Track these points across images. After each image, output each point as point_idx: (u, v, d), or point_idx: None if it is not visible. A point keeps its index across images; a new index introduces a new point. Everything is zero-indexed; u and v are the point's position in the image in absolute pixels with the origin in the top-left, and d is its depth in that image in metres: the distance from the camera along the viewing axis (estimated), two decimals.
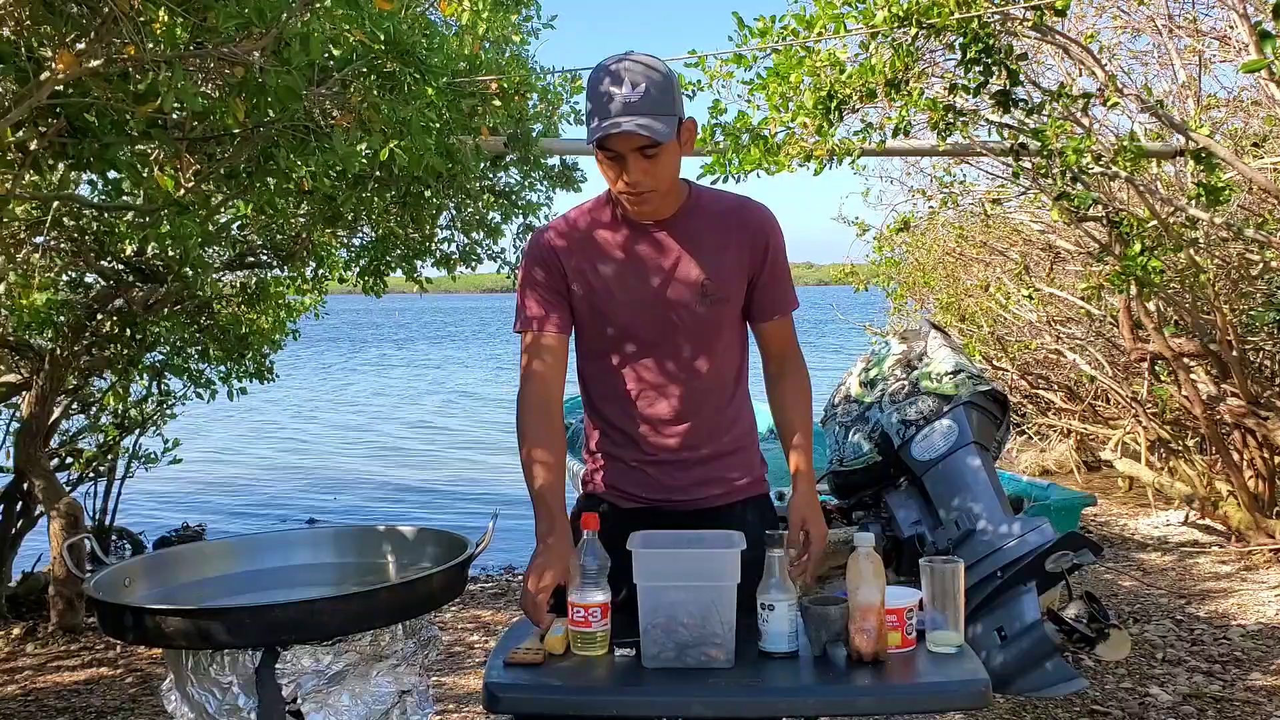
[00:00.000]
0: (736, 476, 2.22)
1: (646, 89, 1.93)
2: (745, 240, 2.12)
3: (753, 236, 2.12)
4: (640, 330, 2.13)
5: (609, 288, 2.11)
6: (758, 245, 2.12)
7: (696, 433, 2.18)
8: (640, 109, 1.92)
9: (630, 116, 1.92)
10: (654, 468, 2.19)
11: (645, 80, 1.94)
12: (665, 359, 2.14)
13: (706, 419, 2.18)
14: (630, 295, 2.11)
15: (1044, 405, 8.31)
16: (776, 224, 2.16)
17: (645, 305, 2.11)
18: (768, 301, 2.18)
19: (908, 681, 1.82)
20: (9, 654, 4.46)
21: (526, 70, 4.06)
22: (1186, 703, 3.54)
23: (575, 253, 2.12)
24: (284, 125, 2.89)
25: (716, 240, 2.11)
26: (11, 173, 2.81)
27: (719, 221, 2.11)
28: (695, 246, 2.10)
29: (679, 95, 2.01)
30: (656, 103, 1.94)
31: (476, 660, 4.27)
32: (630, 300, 2.11)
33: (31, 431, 4.67)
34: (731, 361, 2.20)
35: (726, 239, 2.11)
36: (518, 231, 5.04)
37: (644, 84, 1.93)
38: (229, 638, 1.83)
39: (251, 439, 13.09)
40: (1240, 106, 5.59)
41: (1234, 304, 5.39)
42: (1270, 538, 5.30)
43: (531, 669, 1.86)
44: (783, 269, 2.17)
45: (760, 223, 2.13)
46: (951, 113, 4.11)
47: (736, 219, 2.12)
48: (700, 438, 2.18)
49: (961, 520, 3.02)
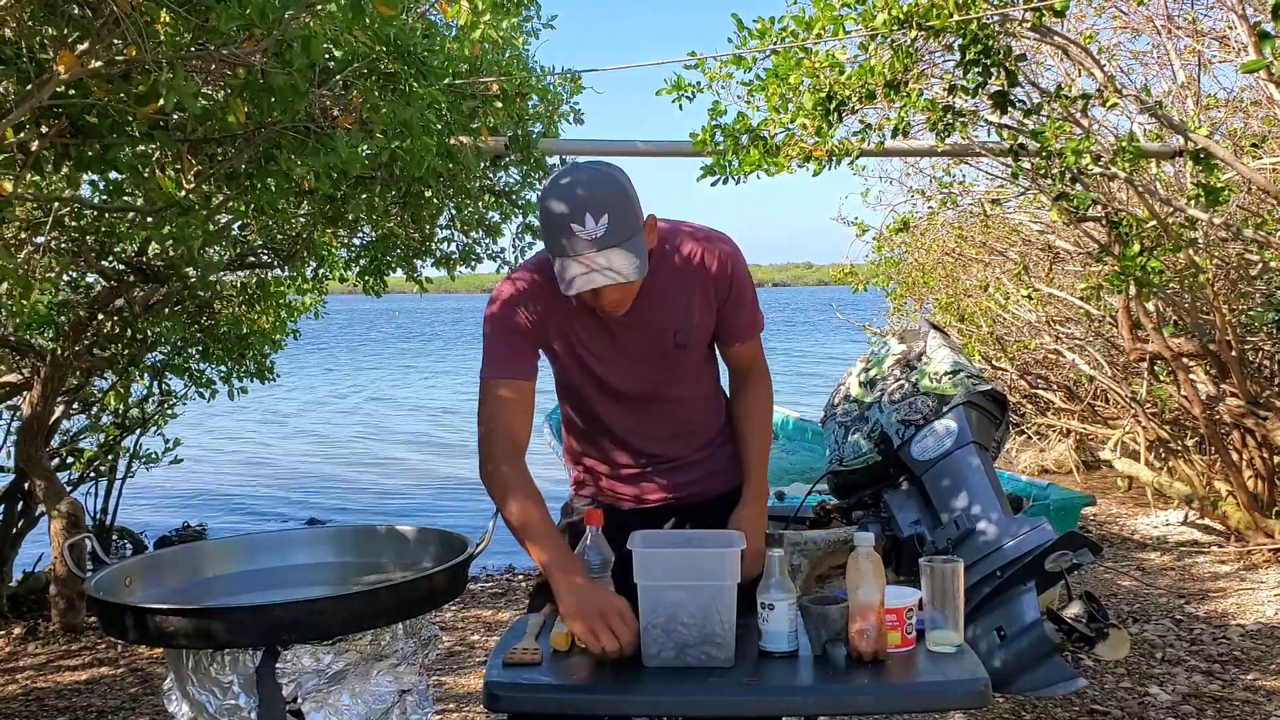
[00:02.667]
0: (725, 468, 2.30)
1: (609, 217, 1.86)
2: (709, 284, 2.11)
3: (715, 279, 2.11)
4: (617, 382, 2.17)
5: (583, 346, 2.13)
6: (721, 285, 2.12)
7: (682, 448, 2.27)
8: (608, 241, 1.86)
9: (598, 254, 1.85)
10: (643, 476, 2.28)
11: (606, 208, 1.86)
12: (645, 402, 2.19)
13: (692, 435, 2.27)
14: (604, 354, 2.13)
15: (1043, 405, 8.31)
16: (737, 258, 2.14)
17: (619, 361, 2.14)
18: (734, 329, 2.20)
19: (908, 681, 1.83)
20: (10, 654, 4.47)
21: (527, 71, 4.06)
22: (1186, 702, 3.54)
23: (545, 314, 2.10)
24: (285, 126, 2.89)
25: (681, 291, 2.10)
26: (12, 173, 2.81)
27: (681, 272, 2.10)
28: (661, 303, 2.09)
29: (636, 200, 1.94)
30: (622, 227, 1.88)
31: (476, 660, 4.27)
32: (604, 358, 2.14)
33: (32, 431, 4.67)
34: (707, 379, 2.29)
35: (691, 287, 2.11)
36: (517, 231, 5.04)
37: (605, 214, 1.86)
38: (229, 637, 1.83)
39: (252, 439, 13.08)
40: (1239, 107, 5.59)
41: (1233, 304, 5.39)
42: (1269, 537, 5.30)
43: (532, 669, 1.87)
44: (747, 297, 2.17)
45: (721, 265, 2.11)
46: (950, 113, 4.12)
47: (698, 265, 2.10)
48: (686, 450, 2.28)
49: (961, 520, 3.02)
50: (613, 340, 2.12)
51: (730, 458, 2.30)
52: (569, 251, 1.87)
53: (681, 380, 2.20)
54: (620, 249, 1.87)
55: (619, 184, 1.92)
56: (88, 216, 3.83)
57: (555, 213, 1.89)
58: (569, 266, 1.87)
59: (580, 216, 1.86)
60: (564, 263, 1.88)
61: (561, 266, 1.89)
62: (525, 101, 4.15)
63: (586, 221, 1.86)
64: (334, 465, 11.26)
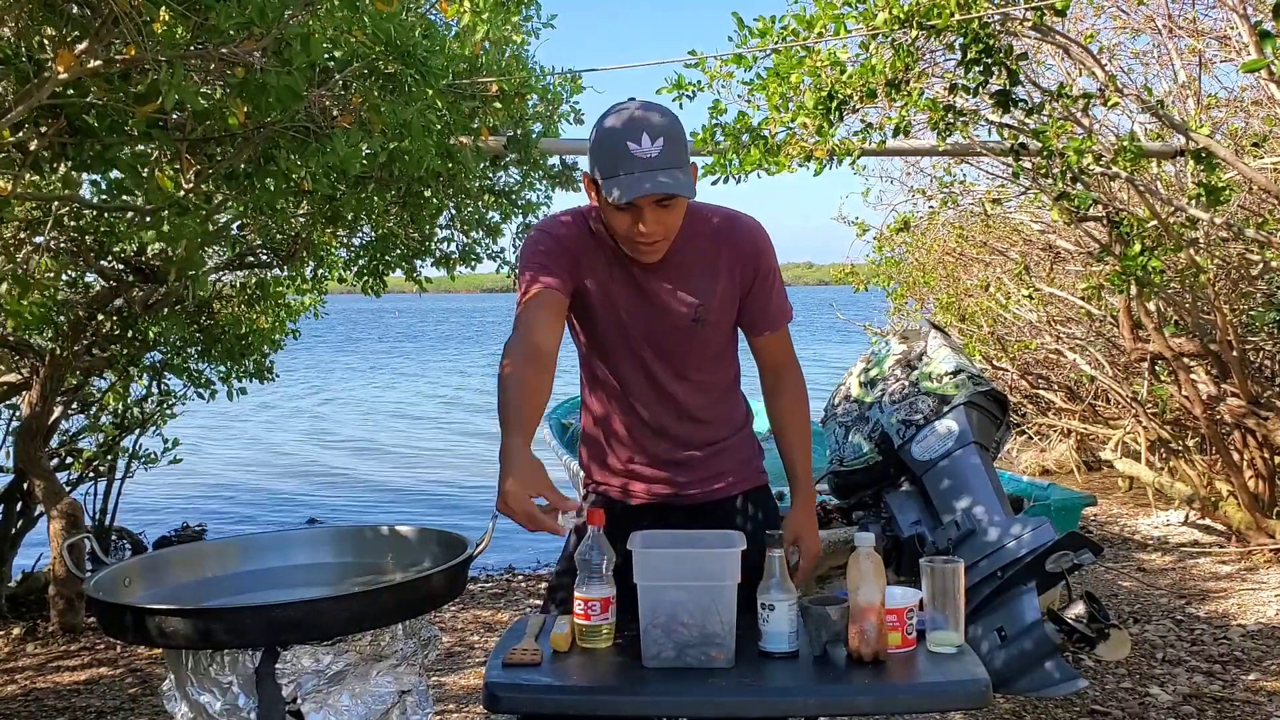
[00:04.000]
0: (733, 469, 2.26)
1: (665, 142, 1.91)
2: (735, 261, 2.11)
3: (743, 257, 2.11)
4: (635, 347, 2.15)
5: (604, 304, 2.12)
6: (747, 265, 2.11)
7: (693, 436, 2.22)
8: (662, 163, 1.91)
9: (653, 172, 1.90)
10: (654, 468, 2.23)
11: (663, 133, 1.92)
12: (660, 374, 2.16)
13: (703, 423, 2.22)
14: (624, 316, 2.12)
15: (1044, 405, 8.30)
16: (766, 240, 2.14)
17: (638, 327, 2.12)
18: (760, 317, 2.17)
19: (908, 681, 1.82)
20: (9, 654, 4.46)
21: (527, 71, 4.06)
22: (1186, 703, 3.54)
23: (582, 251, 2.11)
24: (284, 126, 2.89)
25: (706, 264, 2.10)
26: (11, 173, 2.81)
27: (708, 244, 2.10)
28: (686, 274, 2.09)
29: (687, 139, 2.01)
30: (676, 155, 1.93)
31: (476, 660, 4.27)
32: (623, 321, 2.13)
33: (31, 431, 4.67)
34: (725, 370, 2.24)
35: (716, 262, 2.10)
36: (517, 231, 5.05)
37: (662, 138, 1.91)
38: (229, 638, 1.83)
39: (252, 439, 13.09)
40: (1240, 106, 5.59)
41: (1234, 304, 5.39)
42: (1270, 538, 5.30)
43: (532, 669, 1.87)
44: (774, 284, 2.16)
45: (749, 242, 2.12)
46: (951, 113, 4.11)
47: (726, 240, 2.11)
48: (697, 441, 2.22)
49: (961, 520, 3.01)
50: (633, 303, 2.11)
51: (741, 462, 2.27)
52: (621, 170, 1.91)
53: (697, 362, 2.17)
54: (671, 171, 1.91)
55: (674, 115, 1.98)
56: (87, 216, 3.83)
57: (611, 132, 1.93)
58: (621, 181, 1.91)
59: (637, 136, 1.90)
60: (616, 180, 1.91)
61: (613, 184, 1.92)
62: (525, 101, 4.15)
63: (643, 141, 1.90)
64: (334, 465, 11.26)
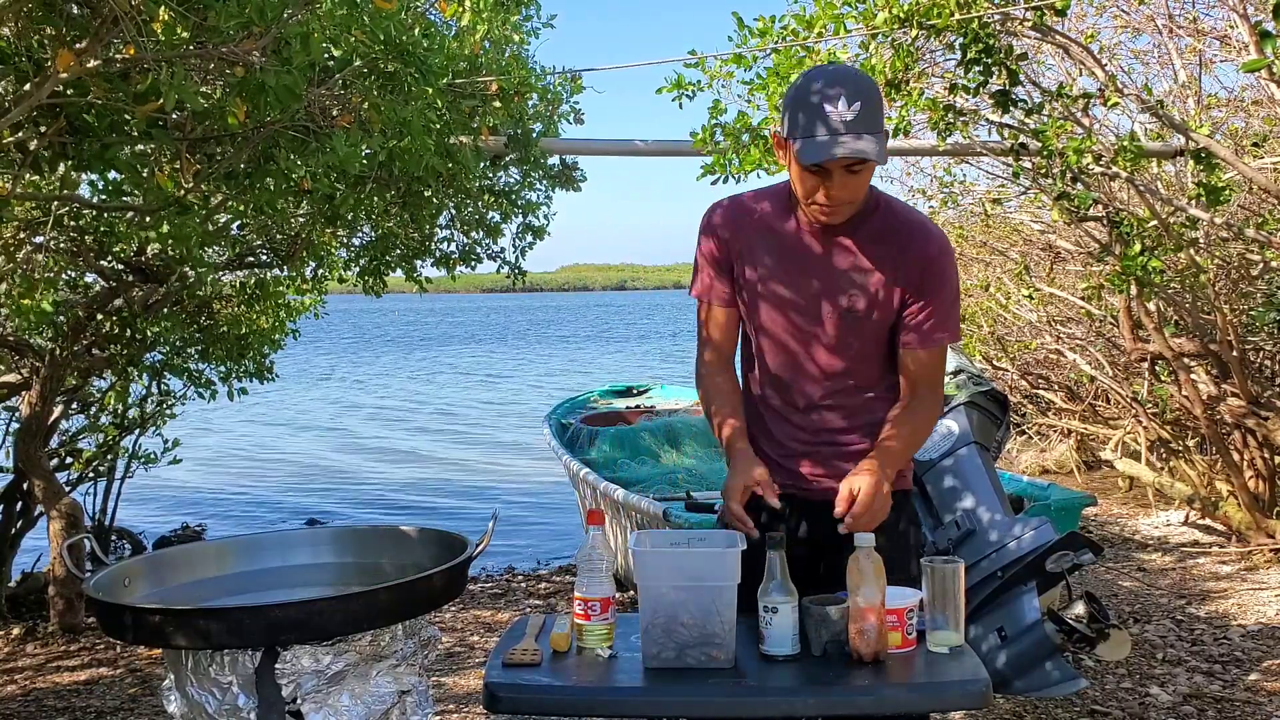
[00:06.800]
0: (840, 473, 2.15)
1: (863, 105, 1.91)
2: (906, 264, 2.08)
3: (913, 263, 2.08)
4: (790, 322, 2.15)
5: (769, 278, 2.14)
6: (913, 272, 2.08)
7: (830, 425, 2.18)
8: (857, 127, 1.91)
9: (850, 135, 1.90)
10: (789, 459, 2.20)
11: (861, 97, 1.92)
12: (808, 354, 2.16)
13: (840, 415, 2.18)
14: (786, 290, 2.13)
15: (1044, 405, 8.30)
16: (944, 255, 2.10)
17: (797, 302, 2.13)
18: (913, 328, 2.12)
19: (908, 682, 1.82)
20: (9, 654, 4.46)
21: (527, 70, 4.06)
22: (1187, 703, 3.54)
23: (740, 238, 2.15)
24: (284, 126, 2.89)
25: (879, 257, 2.09)
26: (11, 173, 2.81)
27: (889, 239, 2.09)
28: (858, 259, 2.09)
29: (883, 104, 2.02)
30: (872, 119, 1.93)
31: (476, 660, 4.27)
32: (785, 295, 2.13)
33: (31, 431, 4.67)
34: (872, 368, 2.18)
35: (887, 258, 2.08)
36: (517, 231, 5.04)
37: (859, 102, 1.91)
38: (229, 638, 1.83)
39: (252, 439, 13.08)
40: (1240, 106, 5.59)
41: (1234, 304, 5.39)
42: (1270, 538, 5.30)
43: (531, 669, 1.87)
44: (939, 301, 2.09)
45: (924, 250, 2.08)
46: (951, 113, 4.11)
47: (904, 241, 2.08)
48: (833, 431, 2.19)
49: (962, 520, 3.01)
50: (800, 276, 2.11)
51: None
52: (818, 131, 1.92)
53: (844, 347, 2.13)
54: (870, 136, 1.92)
55: (872, 81, 1.99)
56: (86, 216, 3.83)
57: (810, 92, 1.94)
58: (818, 142, 1.92)
59: (835, 99, 1.91)
60: (810, 142, 1.93)
61: (810, 144, 1.93)
62: (525, 101, 4.14)
63: (840, 104, 1.91)
64: (334, 465, 11.26)
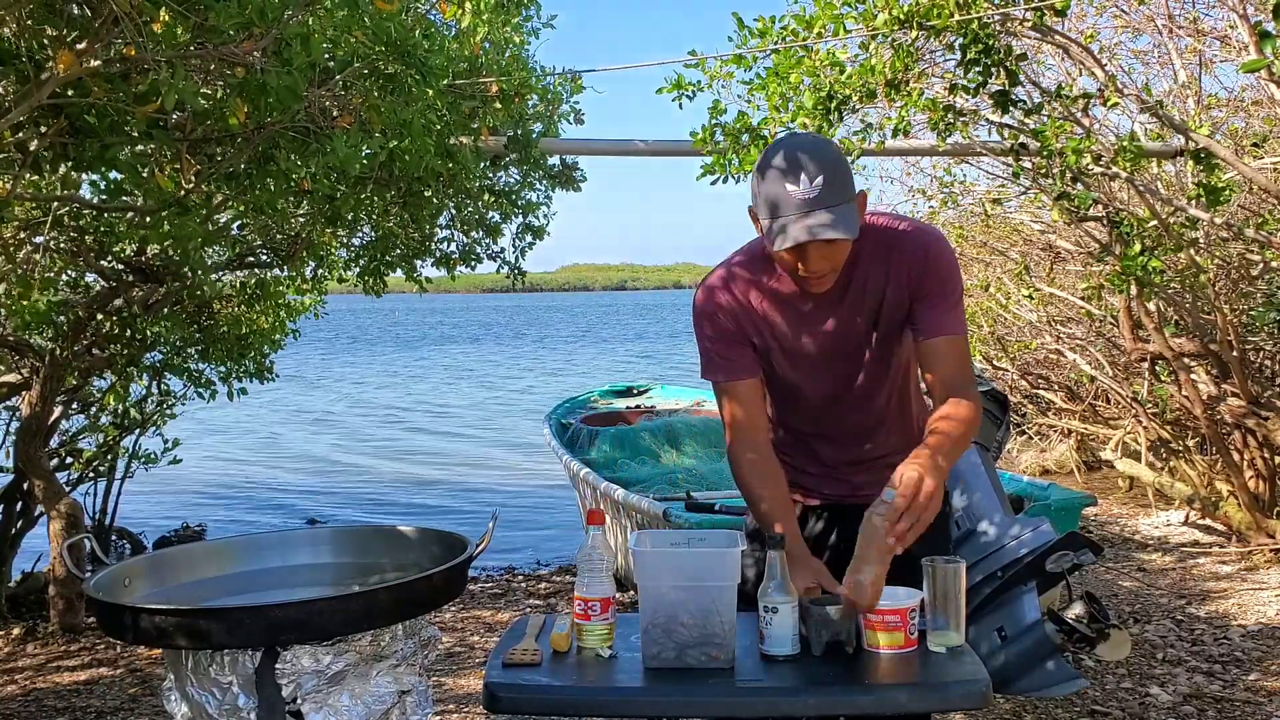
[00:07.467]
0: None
1: (825, 179, 1.88)
2: (903, 273, 2.07)
3: (909, 267, 2.06)
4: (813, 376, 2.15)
5: (779, 342, 2.13)
6: (914, 274, 2.06)
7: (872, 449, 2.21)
8: (823, 201, 1.88)
9: (818, 210, 1.87)
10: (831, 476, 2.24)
11: (824, 171, 1.88)
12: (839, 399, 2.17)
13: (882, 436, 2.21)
14: (800, 348, 2.12)
15: (1044, 405, 8.30)
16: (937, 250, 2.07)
17: (815, 357, 2.13)
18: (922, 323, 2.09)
19: (908, 681, 1.82)
20: (9, 654, 4.46)
21: (527, 71, 4.06)
22: (1187, 703, 3.54)
23: (741, 313, 2.12)
24: (284, 126, 2.89)
25: (878, 281, 2.07)
26: (11, 173, 2.81)
27: (879, 261, 2.07)
28: (859, 295, 2.08)
29: (849, 170, 1.96)
30: (839, 190, 1.89)
31: (476, 660, 4.27)
32: (800, 353, 2.13)
33: (31, 431, 4.67)
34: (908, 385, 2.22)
35: (885, 277, 2.07)
36: (517, 231, 5.04)
37: (822, 175, 1.88)
38: (229, 638, 1.83)
39: (251, 439, 13.08)
40: (1240, 106, 5.59)
41: (1234, 304, 5.39)
42: (1270, 538, 5.30)
43: (531, 669, 1.87)
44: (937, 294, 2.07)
45: (915, 251, 2.06)
46: (951, 113, 4.11)
47: (895, 254, 2.07)
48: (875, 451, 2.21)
49: (962, 520, 3.01)
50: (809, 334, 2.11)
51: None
52: (781, 213, 1.90)
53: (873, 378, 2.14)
54: (832, 210, 1.89)
55: (834, 150, 1.96)
56: (86, 216, 3.83)
57: (769, 175, 1.93)
58: (782, 226, 1.90)
59: (795, 177, 1.89)
60: (777, 223, 1.91)
61: (775, 228, 1.91)
62: (525, 101, 4.14)
63: (801, 181, 1.89)
64: (334, 465, 11.26)
